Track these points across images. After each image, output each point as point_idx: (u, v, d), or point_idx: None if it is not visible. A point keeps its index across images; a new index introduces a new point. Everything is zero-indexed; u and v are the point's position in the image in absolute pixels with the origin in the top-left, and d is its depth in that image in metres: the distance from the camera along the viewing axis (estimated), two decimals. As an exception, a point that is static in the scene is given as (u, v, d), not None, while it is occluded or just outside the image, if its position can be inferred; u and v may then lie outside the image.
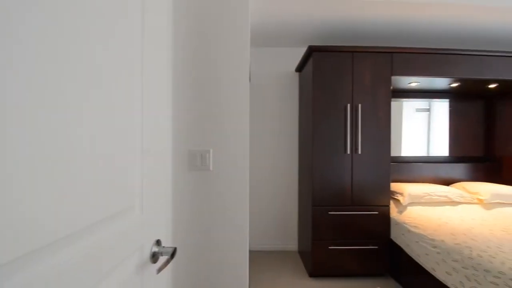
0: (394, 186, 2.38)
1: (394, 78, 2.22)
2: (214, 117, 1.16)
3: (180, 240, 1.15)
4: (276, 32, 2.42)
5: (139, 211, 0.65)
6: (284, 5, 1.97)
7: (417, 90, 2.69)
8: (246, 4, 1.18)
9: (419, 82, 2.41)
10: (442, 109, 2.80)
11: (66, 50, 0.38)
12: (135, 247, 0.62)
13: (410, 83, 2.44)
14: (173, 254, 0.70)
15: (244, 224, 1.19)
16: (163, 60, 0.86)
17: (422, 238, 1.80)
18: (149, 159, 0.69)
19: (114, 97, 0.52)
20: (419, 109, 2.79)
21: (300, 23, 2.25)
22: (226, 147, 1.16)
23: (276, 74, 2.79)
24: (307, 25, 2.28)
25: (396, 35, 2.48)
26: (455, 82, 2.38)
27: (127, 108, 0.58)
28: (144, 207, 0.67)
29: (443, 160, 2.78)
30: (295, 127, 2.82)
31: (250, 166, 2.71)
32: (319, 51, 2.14)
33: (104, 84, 0.48)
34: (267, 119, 2.79)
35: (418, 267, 1.83)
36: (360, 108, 2.15)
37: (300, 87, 2.70)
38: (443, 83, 2.42)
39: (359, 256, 2.16)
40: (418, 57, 2.18)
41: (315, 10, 2.05)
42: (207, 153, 1.13)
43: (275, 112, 2.80)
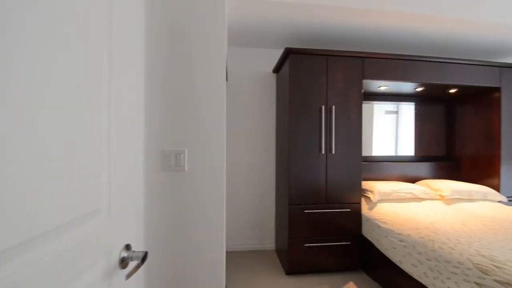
0: (365, 184, 2.50)
1: (365, 81, 2.33)
2: (190, 116, 1.14)
3: (154, 243, 1.11)
4: (255, 33, 2.43)
5: (106, 214, 0.62)
6: (262, 6, 1.98)
7: (386, 93, 2.85)
8: (222, 2, 1.18)
9: (388, 86, 2.56)
10: (408, 111, 2.99)
11: (26, 49, 0.36)
12: (102, 253, 0.59)
13: (380, 87, 2.58)
14: (144, 259, 0.68)
15: (220, 224, 1.17)
16: (134, 60, 0.83)
17: (390, 233, 1.91)
18: (118, 159, 0.66)
19: (78, 97, 0.49)
20: (388, 111, 2.96)
21: (277, 25, 2.28)
22: (202, 147, 1.15)
23: (254, 74, 2.80)
24: (284, 27, 2.32)
25: (368, 41, 2.61)
26: (420, 86, 2.55)
27: (93, 108, 0.55)
28: (112, 210, 0.64)
29: (409, 160, 2.97)
30: (273, 127, 2.85)
31: (227, 166, 2.69)
32: (295, 53, 2.19)
33: (68, 84, 0.45)
34: (245, 119, 2.79)
35: (387, 261, 1.94)
36: (334, 109, 2.22)
37: (278, 88, 2.74)
38: (409, 87, 2.59)
39: (333, 252, 2.24)
40: (387, 62, 2.31)
41: (292, 14, 2.08)
42: (182, 153, 1.11)
43: (253, 112, 2.81)
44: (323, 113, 2.21)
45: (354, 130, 2.28)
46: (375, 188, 2.38)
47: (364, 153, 2.80)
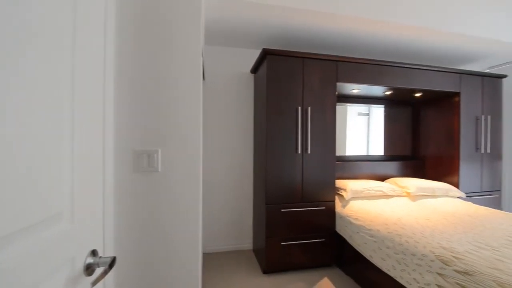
0: (339, 183, 2.59)
1: (339, 84, 2.42)
2: (164, 115, 1.10)
3: (125, 248, 1.06)
4: (233, 32, 2.42)
5: (69, 218, 0.58)
6: (239, 6, 1.98)
7: (358, 96, 2.98)
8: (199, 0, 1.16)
9: (360, 89, 2.68)
10: (379, 113, 3.15)
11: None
12: (64, 260, 0.55)
13: (353, 90, 2.69)
14: (111, 264, 0.65)
15: (196, 226, 1.15)
16: (101, 55, 0.79)
17: (361, 229, 2.00)
18: (82, 160, 0.62)
19: (36, 96, 0.46)
20: (361, 113, 3.10)
21: (255, 25, 2.29)
22: (176, 146, 1.11)
23: (232, 74, 2.79)
24: (262, 28, 2.34)
25: (342, 45, 2.71)
26: (389, 90, 2.70)
27: (52, 105, 0.51)
28: (75, 214, 0.60)
29: (379, 159, 3.13)
30: (250, 126, 2.85)
31: (204, 166, 2.65)
32: (272, 55, 2.21)
33: (23, 79, 0.42)
34: (222, 118, 2.77)
35: (358, 256, 2.03)
36: (309, 110, 2.28)
37: (255, 88, 2.75)
38: (379, 90, 2.73)
39: (308, 250, 2.29)
40: (359, 66, 2.42)
41: (269, 16, 2.10)
42: (155, 153, 1.07)
43: (231, 112, 2.79)
44: (299, 114, 2.26)
45: (328, 130, 2.35)
46: (348, 186, 2.47)
47: (338, 153, 2.91)
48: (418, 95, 2.90)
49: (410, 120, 3.26)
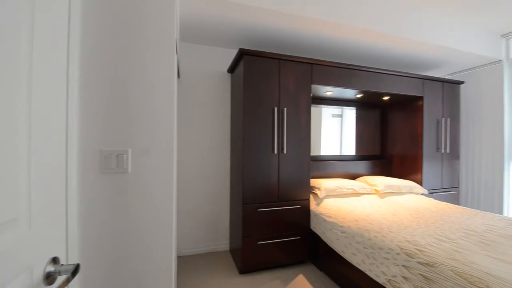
0: (313, 182, 2.67)
1: (313, 86, 2.49)
2: (135, 114, 1.06)
3: (92, 254, 1.00)
4: (210, 31, 2.39)
5: (26, 224, 0.54)
6: (216, 4, 1.96)
7: (332, 98, 3.10)
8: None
9: (333, 92, 2.78)
10: (351, 115, 3.29)
11: None
12: (20, 269, 0.51)
13: (326, 92, 2.79)
14: (75, 272, 0.61)
15: (169, 229, 1.12)
16: (64, 48, 0.74)
17: (334, 226, 2.08)
18: (41, 161, 0.58)
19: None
20: (335, 114, 3.21)
21: (231, 25, 2.28)
22: (148, 146, 1.07)
23: (208, 72, 2.75)
24: (239, 28, 2.34)
25: (316, 48, 2.79)
26: (360, 93, 2.84)
27: (5, 103, 0.47)
28: (33, 220, 0.56)
29: (351, 158, 3.28)
30: (227, 126, 2.84)
31: (178, 166, 2.59)
32: (249, 55, 2.22)
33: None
34: (199, 117, 2.72)
35: (331, 252, 2.10)
36: (285, 111, 2.32)
37: (232, 87, 2.74)
38: (351, 93, 2.85)
39: (284, 248, 2.33)
40: (333, 70, 2.51)
41: (245, 16, 2.11)
42: (124, 153, 1.02)
43: (207, 111, 2.75)
44: (275, 114, 2.29)
45: (303, 131, 2.41)
46: (322, 185, 2.56)
47: (313, 153, 3.00)
48: (386, 98, 3.08)
49: (379, 121, 3.45)
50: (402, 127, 3.22)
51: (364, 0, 2.32)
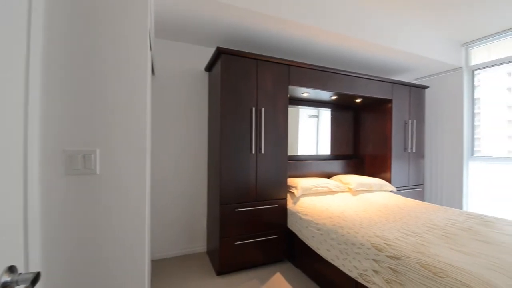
0: (291, 181, 2.72)
1: (291, 87, 2.53)
2: (104, 112, 1.00)
3: (56, 261, 0.94)
4: (187, 27, 2.33)
5: (-25, 232, 0.49)
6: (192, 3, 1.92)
7: (309, 99, 3.17)
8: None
9: (310, 93, 2.85)
10: (326, 116, 3.40)
11: None
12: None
13: (303, 93, 2.85)
14: (35, 281, 0.57)
15: (142, 232, 1.08)
16: (22, 43, 0.68)
17: (310, 223, 2.13)
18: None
19: None
20: (311, 115, 3.30)
21: (209, 22, 2.25)
22: (118, 146, 1.02)
23: (186, 70, 2.68)
24: (216, 26, 2.31)
25: (294, 50, 2.84)
26: (335, 95, 2.94)
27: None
28: (-16, 226, 0.51)
29: (327, 158, 3.38)
30: (205, 125, 2.79)
31: (153, 167, 2.50)
32: (227, 54, 2.20)
33: None
34: (174, 116, 2.65)
35: (307, 249, 2.16)
36: (263, 111, 2.34)
37: (210, 86, 2.70)
38: (326, 95, 2.95)
39: (262, 247, 2.35)
40: (309, 72, 2.57)
41: (222, 14, 2.09)
42: (92, 153, 0.96)
43: (183, 109, 2.69)
44: (253, 114, 2.30)
45: (281, 131, 2.45)
46: (299, 184, 2.61)
47: (291, 152, 3.05)
48: (358, 100, 3.22)
49: (352, 123, 3.60)
50: (373, 128, 3.38)
51: (340, 7, 2.41)
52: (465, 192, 3.35)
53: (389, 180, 3.14)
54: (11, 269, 0.57)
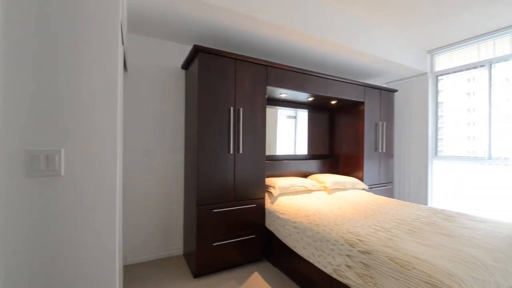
0: (269, 181, 2.74)
1: (269, 88, 2.56)
2: (70, 109, 0.94)
3: (15, 270, 0.86)
4: (162, 22, 2.25)
5: None
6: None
7: (287, 100, 3.22)
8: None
9: (287, 94, 2.89)
10: (304, 117, 3.47)
11: None
12: None
13: (281, 94, 2.89)
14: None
15: (112, 237, 1.02)
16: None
17: (287, 222, 2.16)
18: None
19: None
20: (289, 116, 3.35)
21: (186, 19, 2.20)
22: (86, 145, 0.96)
23: (161, 67, 2.60)
24: (193, 23, 2.27)
25: (272, 51, 2.87)
26: (311, 96, 3.01)
27: None
28: None
29: (304, 158, 3.46)
30: (181, 125, 2.72)
31: (125, 168, 2.39)
32: (204, 52, 2.17)
33: None
34: (148, 114, 2.55)
35: (284, 247, 2.19)
36: (241, 111, 2.33)
37: (187, 84, 2.64)
38: (303, 96, 3.01)
39: (240, 247, 2.34)
40: (286, 73, 2.61)
41: (201, 12, 2.06)
42: (56, 153, 0.90)
43: (158, 108, 2.60)
44: (231, 114, 2.28)
45: (259, 131, 2.46)
46: (276, 183, 2.64)
47: (270, 152, 3.08)
48: (334, 102, 3.34)
49: (328, 124, 3.72)
50: (347, 129, 3.52)
51: (313, 8, 2.48)
52: (430, 189, 3.60)
53: (361, 179, 3.28)
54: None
